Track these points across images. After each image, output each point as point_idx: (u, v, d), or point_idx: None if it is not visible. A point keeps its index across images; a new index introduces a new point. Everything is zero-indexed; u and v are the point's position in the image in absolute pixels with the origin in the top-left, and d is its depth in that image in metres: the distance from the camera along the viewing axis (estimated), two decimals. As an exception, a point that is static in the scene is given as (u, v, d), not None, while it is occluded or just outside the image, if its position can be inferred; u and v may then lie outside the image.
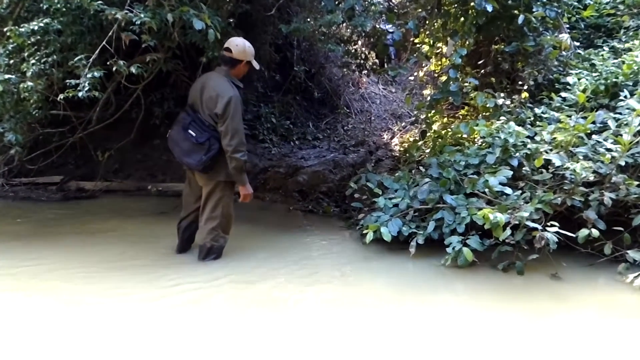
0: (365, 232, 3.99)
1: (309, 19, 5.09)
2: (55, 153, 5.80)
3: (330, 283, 3.59)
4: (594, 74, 4.64)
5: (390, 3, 7.38)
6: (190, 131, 3.57)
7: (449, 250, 3.68)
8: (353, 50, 6.90)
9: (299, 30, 4.90)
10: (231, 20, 4.76)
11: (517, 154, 4.01)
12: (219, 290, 3.36)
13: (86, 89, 4.03)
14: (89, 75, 4.07)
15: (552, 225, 3.44)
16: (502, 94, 4.78)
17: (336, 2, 4.99)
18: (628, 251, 3.51)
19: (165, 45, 4.66)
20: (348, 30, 6.76)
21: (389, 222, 4.01)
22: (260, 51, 5.46)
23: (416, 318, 3.03)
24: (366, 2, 5.69)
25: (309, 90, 8.33)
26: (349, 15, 4.99)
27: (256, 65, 3.73)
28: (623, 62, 4.59)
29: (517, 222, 3.50)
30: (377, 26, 6.57)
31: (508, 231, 3.49)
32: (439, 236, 3.90)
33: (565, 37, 4.98)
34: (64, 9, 4.12)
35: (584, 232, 3.45)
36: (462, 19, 4.93)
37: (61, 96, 4.19)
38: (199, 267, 3.70)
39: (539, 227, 3.44)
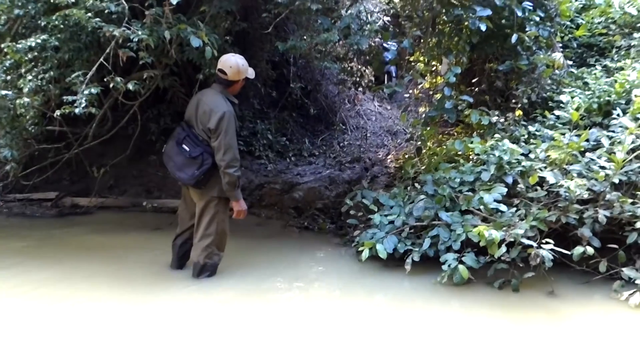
0: (360, 249, 3.98)
1: (305, 37, 5.13)
2: (51, 169, 5.79)
3: (325, 301, 3.57)
4: (587, 93, 4.69)
5: (386, 22, 7.48)
6: (184, 146, 3.59)
7: (444, 267, 3.68)
8: (349, 68, 6.96)
9: (295, 48, 4.94)
10: (228, 37, 4.80)
11: (512, 172, 4.03)
12: (211, 308, 3.34)
13: (83, 105, 4.05)
14: (86, 92, 4.09)
15: (547, 243, 3.45)
16: (496, 112, 4.81)
17: (332, 21, 5.04)
18: (623, 269, 3.51)
19: (162, 62, 4.69)
20: (344, 48, 6.82)
21: (385, 239, 4.01)
22: (256, 68, 5.49)
23: (412, 335, 3.01)
24: (362, 21, 5.76)
25: (305, 107, 8.37)
26: (345, 33, 5.04)
27: (251, 75, 3.75)
28: (615, 81, 4.65)
29: (512, 240, 3.51)
30: (373, 44, 6.64)
31: (503, 248, 3.49)
32: (434, 253, 3.90)
33: (558, 56, 5.04)
34: (62, 26, 4.15)
35: (579, 249, 3.45)
36: (457, 38, 4.99)
37: (58, 112, 4.20)
38: (193, 285, 3.68)
39: (534, 244, 3.45)
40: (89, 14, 4.03)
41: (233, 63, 3.62)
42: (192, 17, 4.53)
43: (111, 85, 4.21)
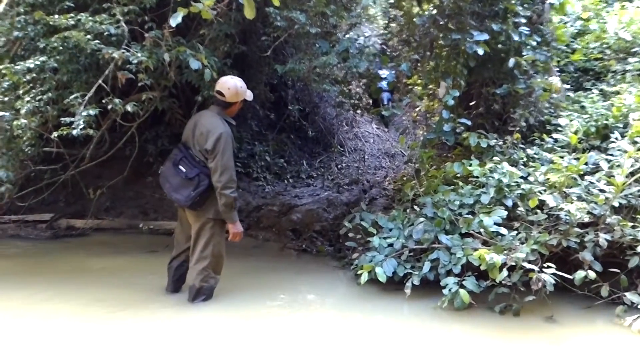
0: (359, 272, 3.92)
1: (304, 60, 5.16)
2: (46, 190, 5.73)
3: (324, 324, 3.51)
4: (584, 116, 4.72)
5: (384, 46, 7.55)
6: (180, 167, 3.57)
7: (445, 291, 3.62)
8: (347, 91, 7.00)
9: (294, 71, 4.97)
10: (227, 60, 4.82)
11: (511, 195, 4.01)
12: (207, 332, 3.27)
13: (81, 127, 4.03)
14: (84, 113, 4.07)
15: (548, 267, 3.41)
16: (494, 135, 4.82)
17: (331, 45, 5.08)
18: (625, 293, 3.47)
19: (161, 84, 4.69)
20: (342, 71, 6.88)
21: (384, 262, 3.95)
22: (255, 90, 5.51)
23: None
24: (360, 45, 5.81)
25: (303, 129, 8.39)
26: (343, 57, 5.08)
27: (249, 97, 3.75)
28: (612, 105, 4.68)
29: (513, 263, 3.46)
30: (370, 68, 6.69)
31: (504, 272, 3.45)
32: (434, 277, 3.84)
33: (555, 80, 5.08)
34: (61, 48, 4.15)
35: (580, 274, 3.42)
36: (454, 61, 5.02)
37: (55, 134, 4.18)
38: (188, 308, 3.61)
39: (536, 268, 3.41)
40: (89, 36, 4.05)
41: (231, 85, 3.63)
42: (192, 39, 4.55)
43: (109, 107, 4.20)
